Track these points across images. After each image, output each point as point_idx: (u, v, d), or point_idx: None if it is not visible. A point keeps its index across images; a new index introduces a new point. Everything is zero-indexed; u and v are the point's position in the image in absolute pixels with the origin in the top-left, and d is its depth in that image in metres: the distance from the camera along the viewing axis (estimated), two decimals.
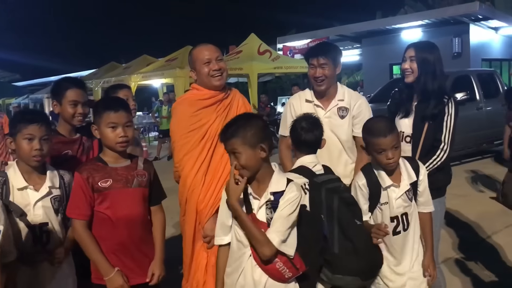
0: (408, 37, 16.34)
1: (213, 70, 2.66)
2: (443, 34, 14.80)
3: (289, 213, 2.01)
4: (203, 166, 2.63)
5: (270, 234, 1.99)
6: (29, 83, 31.01)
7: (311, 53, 2.99)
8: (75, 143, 2.71)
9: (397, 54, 16.55)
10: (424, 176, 2.49)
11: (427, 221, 2.52)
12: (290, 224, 2.02)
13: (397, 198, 2.40)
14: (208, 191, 2.62)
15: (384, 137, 2.32)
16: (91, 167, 2.33)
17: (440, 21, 15.03)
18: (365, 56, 18.37)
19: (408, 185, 2.42)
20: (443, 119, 2.82)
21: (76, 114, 2.68)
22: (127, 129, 2.33)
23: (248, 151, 2.01)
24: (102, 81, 15.88)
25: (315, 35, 18.33)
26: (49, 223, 2.28)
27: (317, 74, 2.91)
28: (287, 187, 2.06)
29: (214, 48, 2.75)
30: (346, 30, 17.92)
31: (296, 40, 19.31)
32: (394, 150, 2.33)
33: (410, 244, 2.46)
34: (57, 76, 28.22)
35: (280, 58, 13.69)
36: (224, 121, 2.53)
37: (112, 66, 18.33)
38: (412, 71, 2.88)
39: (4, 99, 26.75)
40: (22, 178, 2.25)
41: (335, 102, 2.98)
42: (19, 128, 2.25)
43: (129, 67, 16.48)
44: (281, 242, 1.98)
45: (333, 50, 2.98)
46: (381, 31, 16.71)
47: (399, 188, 2.41)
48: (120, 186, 2.33)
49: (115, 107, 2.33)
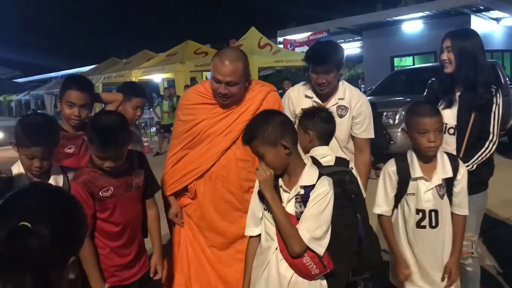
0: (409, 29, 16.29)
1: (219, 92, 2.50)
2: (444, 25, 14.67)
3: (321, 210, 1.97)
4: (177, 156, 2.66)
5: (301, 230, 1.95)
6: (29, 80, 30.99)
7: (313, 60, 2.84)
8: (78, 139, 2.69)
9: (398, 46, 16.46)
10: (463, 177, 2.39)
11: (459, 224, 2.41)
12: (322, 221, 1.97)
13: (426, 191, 2.34)
14: (177, 170, 2.65)
15: (430, 117, 2.27)
16: (89, 175, 2.27)
17: (441, 12, 14.95)
18: (366, 49, 18.30)
19: (440, 180, 2.34)
20: (491, 109, 2.72)
21: (71, 115, 2.61)
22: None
23: (271, 151, 1.98)
24: (103, 76, 15.87)
25: (316, 28, 18.27)
26: None
27: (320, 80, 2.80)
28: (318, 181, 2.02)
29: (230, 70, 2.43)
30: (347, 22, 17.85)
31: (296, 33, 19.24)
32: (436, 134, 2.27)
33: (439, 246, 2.38)
34: (57, 72, 28.27)
35: (280, 52, 13.66)
36: (229, 122, 2.54)
37: (113, 62, 18.31)
38: (450, 62, 2.78)
39: (5, 95, 26.79)
40: (26, 177, 2.23)
41: (335, 100, 2.90)
42: (20, 143, 2.14)
43: (129, 62, 16.47)
44: (312, 239, 1.95)
45: (337, 55, 2.84)
46: (381, 23, 16.64)
47: (430, 181, 2.34)
48: (121, 192, 2.33)
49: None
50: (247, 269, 2.16)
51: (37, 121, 2.19)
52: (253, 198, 2.16)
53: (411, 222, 2.39)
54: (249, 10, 47.05)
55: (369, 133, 2.95)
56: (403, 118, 7.88)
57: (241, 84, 2.50)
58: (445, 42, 2.81)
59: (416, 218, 2.37)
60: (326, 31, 17.93)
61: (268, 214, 2.06)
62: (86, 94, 2.66)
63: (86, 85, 2.74)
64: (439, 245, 2.39)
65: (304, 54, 3.01)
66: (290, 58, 13.57)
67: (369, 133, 2.96)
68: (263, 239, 2.10)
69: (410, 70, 11.32)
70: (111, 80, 15.73)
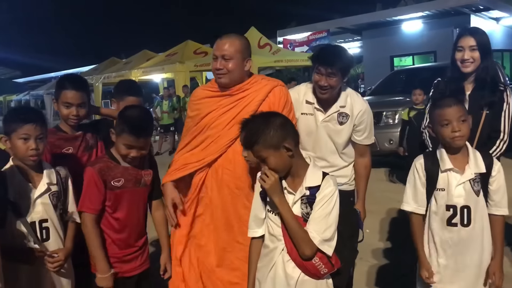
0: (408, 29, 16.30)
1: (215, 68, 2.53)
2: (444, 25, 14.74)
3: (328, 211, 1.96)
4: (184, 150, 2.65)
5: (311, 233, 1.95)
6: (29, 80, 30.99)
7: (320, 59, 2.73)
8: (76, 139, 2.68)
9: (398, 46, 16.45)
10: (499, 173, 2.28)
11: (498, 224, 2.30)
12: (331, 221, 1.97)
13: (457, 185, 2.24)
14: (180, 160, 2.61)
15: (449, 107, 2.22)
16: (105, 164, 2.40)
17: (440, 12, 14.97)
18: (366, 49, 18.31)
19: (473, 175, 2.24)
20: (502, 108, 2.72)
21: (69, 115, 2.60)
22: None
23: (273, 154, 1.96)
24: (103, 76, 15.85)
25: (315, 28, 18.28)
26: (49, 219, 2.28)
27: (323, 83, 2.69)
28: (323, 181, 2.01)
29: (227, 44, 2.50)
30: (346, 22, 17.86)
31: (296, 33, 19.26)
32: (460, 123, 2.20)
33: (476, 248, 2.26)
34: (57, 72, 28.25)
35: (280, 52, 13.66)
36: (235, 113, 2.51)
37: (113, 62, 18.29)
38: (474, 61, 2.75)
39: (5, 95, 26.77)
40: (19, 174, 2.24)
41: (336, 107, 2.82)
42: (14, 128, 2.19)
43: (129, 62, 16.45)
44: (322, 241, 1.95)
45: (344, 60, 2.73)
46: (381, 23, 16.65)
47: (462, 175, 2.24)
48: (130, 185, 2.43)
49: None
50: (251, 269, 2.16)
51: (23, 106, 2.34)
52: (255, 200, 2.15)
53: (441, 220, 2.29)
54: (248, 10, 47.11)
55: (370, 139, 2.95)
56: None
57: (236, 60, 2.49)
58: (467, 40, 2.76)
59: (446, 215, 2.27)
60: (326, 31, 17.94)
61: (272, 216, 2.05)
62: (82, 93, 2.63)
63: (81, 84, 2.71)
64: (476, 247, 2.27)
65: (312, 53, 2.95)
66: (290, 58, 13.57)
67: (370, 139, 2.96)
68: (267, 240, 2.08)
69: (410, 70, 11.32)
70: (111, 80, 15.70)
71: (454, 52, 2.83)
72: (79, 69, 23.80)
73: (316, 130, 2.84)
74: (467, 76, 2.79)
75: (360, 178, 2.95)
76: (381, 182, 6.97)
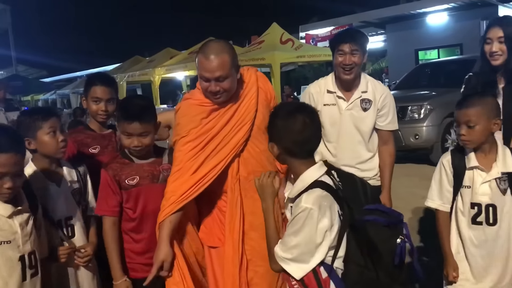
0: (434, 22, 15.97)
1: (209, 91, 2.25)
2: (471, 17, 14.39)
3: (295, 230, 1.76)
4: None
5: (276, 246, 1.84)
6: (55, 79, 31.59)
7: (341, 38, 2.81)
8: (104, 138, 2.72)
9: (423, 39, 16.18)
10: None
11: None
12: (296, 242, 1.75)
13: (482, 183, 2.20)
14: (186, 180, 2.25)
15: (459, 109, 2.20)
16: (117, 164, 2.37)
17: (467, 3, 14.61)
18: (390, 42, 18.04)
19: (499, 173, 2.19)
20: None
21: (99, 111, 2.67)
22: (141, 138, 2.33)
23: (283, 154, 1.89)
24: (127, 75, 16.06)
25: (338, 22, 18.08)
26: (73, 216, 2.33)
27: (347, 61, 2.73)
28: (303, 194, 1.80)
29: (217, 64, 2.18)
30: (370, 16, 17.61)
31: (318, 28, 19.08)
32: (465, 127, 2.17)
33: (503, 248, 2.21)
34: (82, 71, 28.72)
35: (302, 47, 13.56)
36: (238, 117, 2.32)
37: (136, 60, 18.49)
38: (502, 53, 2.69)
39: (33, 95, 27.32)
40: (42, 175, 2.27)
41: (358, 93, 2.85)
42: (38, 125, 2.21)
43: (152, 61, 16.61)
44: (283, 259, 1.79)
45: (363, 37, 2.85)
46: (405, 16, 16.36)
47: (488, 173, 2.20)
48: (147, 182, 2.37)
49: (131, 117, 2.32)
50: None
51: (33, 107, 2.38)
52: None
53: (466, 218, 2.24)
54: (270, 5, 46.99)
55: (394, 125, 2.93)
56: (428, 112, 7.78)
57: (232, 77, 2.25)
58: (495, 31, 2.69)
59: (471, 213, 2.22)
60: (349, 25, 17.70)
61: None
62: (111, 89, 2.72)
63: (109, 80, 2.79)
64: (503, 246, 2.21)
65: (330, 41, 2.98)
66: (313, 53, 13.46)
67: (394, 125, 2.94)
68: None
69: (435, 63, 11.13)
70: (135, 78, 15.92)
71: (483, 44, 2.76)
72: (103, 68, 24.15)
73: (340, 120, 2.83)
74: (499, 68, 2.70)
75: (385, 166, 2.90)
76: (406, 178, 6.88)
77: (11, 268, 1.90)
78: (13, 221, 1.93)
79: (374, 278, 1.82)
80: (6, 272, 1.88)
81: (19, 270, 1.92)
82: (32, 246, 1.98)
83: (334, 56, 2.83)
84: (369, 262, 1.82)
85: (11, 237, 1.91)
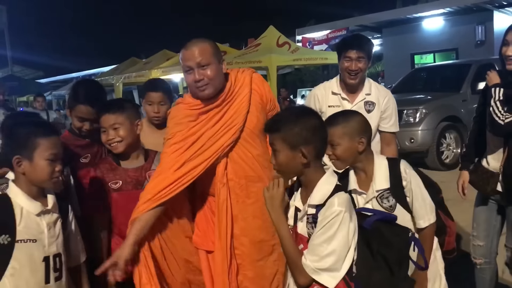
0: (430, 26, 16.05)
1: (193, 81, 2.24)
2: (466, 22, 14.48)
3: (329, 236, 1.67)
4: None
5: (304, 259, 1.71)
6: (52, 80, 31.47)
7: (348, 45, 2.90)
8: (93, 146, 2.63)
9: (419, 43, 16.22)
10: None
11: None
12: (332, 248, 1.67)
13: (365, 204, 2.12)
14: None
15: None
16: (105, 165, 2.37)
17: (462, 8, 14.69)
18: (386, 46, 18.10)
19: (375, 192, 2.09)
20: None
21: (82, 128, 2.57)
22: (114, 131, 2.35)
23: (286, 151, 1.77)
24: (123, 76, 16.01)
25: (335, 26, 18.14)
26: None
27: (353, 67, 2.84)
28: (328, 199, 1.72)
29: (197, 51, 2.21)
30: (366, 20, 17.67)
31: (315, 32, 19.13)
32: (330, 147, 2.04)
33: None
34: (78, 72, 28.65)
35: (299, 50, 13.58)
36: (226, 119, 2.29)
37: (133, 62, 18.46)
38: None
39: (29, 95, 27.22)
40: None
41: (362, 96, 2.94)
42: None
43: (149, 62, 16.58)
44: (317, 270, 1.69)
45: (368, 43, 2.94)
46: (401, 20, 16.42)
47: (367, 194, 2.13)
48: (130, 188, 2.34)
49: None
50: None
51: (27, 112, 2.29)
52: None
53: None
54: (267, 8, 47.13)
55: (396, 127, 3.06)
56: (424, 116, 7.81)
57: (214, 65, 2.23)
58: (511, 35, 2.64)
59: None
60: (345, 28, 17.78)
61: None
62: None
63: (95, 100, 2.53)
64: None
65: (335, 45, 3.06)
66: (309, 56, 13.49)
67: (396, 127, 3.06)
68: None
69: (431, 68, 11.19)
70: (131, 80, 15.87)
71: (501, 45, 2.71)
72: (100, 69, 24.12)
73: None
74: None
75: None
76: None
77: (34, 268, 1.85)
78: (41, 220, 1.88)
79: (388, 276, 1.78)
80: (28, 271, 1.84)
81: (42, 271, 1.87)
82: (58, 249, 1.93)
83: (340, 61, 2.92)
84: (380, 261, 1.78)
85: (38, 236, 1.86)
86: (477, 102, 3.09)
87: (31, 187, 1.88)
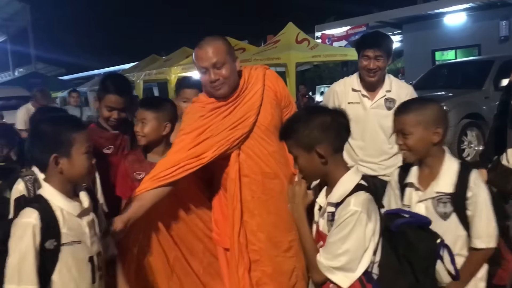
0: (451, 22, 15.82)
1: (209, 81, 2.27)
2: (489, 17, 14.22)
3: (344, 235, 1.66)
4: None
5: (319, 257, 1.72)
6: (73, 77, 31.94)
7: (366, 44, 2.91)
8: (117, 138, 2.75)
9: (440, 39, 15.98)
10: None
11: None
12: (346, 248, 1.65)
13: (418, 202, 2.05)
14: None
15: (395, 116, 2.04)
16: (134, 156, 2.53)
17: (485, 3, 14.43)
18: (406, 43, 17.89)
19: (434, 193, 1.99)
20: None
21: (111, 118, 2.68)
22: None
23: (303, 155, 1.76)
24: (143, 73, 16.17)
25: (354, 22, 18.00)
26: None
27: (372, 66, 2.84)
28: (346, 198, 1.70)
29: (211, 51, 2.23)
30: (386, 16, 17.50)
31: (334, 28, 19.01)
32: (401, 136, 2.00)
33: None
34: (99, 70, 29.02)
35: (318, 47, 13.52)
36: (238, 115, 2.32)
37: (153, 59, 18.61)
38: None
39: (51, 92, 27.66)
40: None
41: (383, 92, 2.93)
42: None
43: (169, 60, 16.70)
44: (330, 268, 1.68)
45: (388, 42, 2.93)
46: (423, 16, 16.22)
47: (424, 191, 2.05)
48: None
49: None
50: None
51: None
52: None
53: None
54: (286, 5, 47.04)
55: None
56: None
57: (229, 64, 2.26)
58: None
59: None
60: (365, 25, 17.63)
61: None
62: (125, 98, 2.72)
63: (124, 90, 2.73)
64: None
65: (354, 43, 3.06)
66: (328, 53, 13.42)
67: None
68: None
69: (452, 64, 11.02)
70: (152, 77, 16.02)
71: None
72: (120, 66, 24.37)
73: (364, 118, 2.89)
74: None
75: None
76: None
77: (81, 269, 1.82)
78: (82, 221, 1.85)
79: (413, 282, 1.71)
80: (77, 273, 1.80)
81: (89, 272, 1.85)
82: (99, 247, 1.92)
83: (359, 59, 2.93)
84: (406, 266, 1.71)
85: (81, 237, 1.83)
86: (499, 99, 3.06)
87: (66, 186, 1.84)
